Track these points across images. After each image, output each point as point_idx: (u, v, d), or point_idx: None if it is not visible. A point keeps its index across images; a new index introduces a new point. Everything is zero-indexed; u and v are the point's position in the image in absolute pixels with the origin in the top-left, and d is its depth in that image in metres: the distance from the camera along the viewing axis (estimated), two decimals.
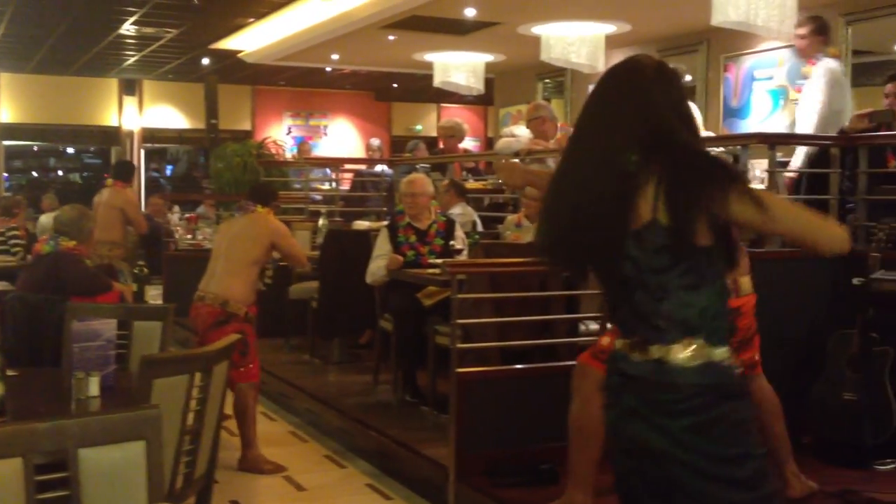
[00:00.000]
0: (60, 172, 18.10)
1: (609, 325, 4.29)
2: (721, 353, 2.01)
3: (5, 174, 18.14)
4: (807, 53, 6.07)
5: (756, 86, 8.81)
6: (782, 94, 8.59)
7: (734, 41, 8.57)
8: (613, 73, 2.17)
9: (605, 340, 3.67)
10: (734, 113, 9.08)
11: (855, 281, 4.64)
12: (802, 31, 6.01)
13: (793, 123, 8.41)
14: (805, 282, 4.95)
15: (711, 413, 1.97)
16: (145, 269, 6.49)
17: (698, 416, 1.97)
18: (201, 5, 9.43)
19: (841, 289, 4.76)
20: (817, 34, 5.93)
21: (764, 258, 4.89)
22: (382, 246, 5.95)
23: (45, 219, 4.90)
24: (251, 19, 10.38)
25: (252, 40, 11.40)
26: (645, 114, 2.05)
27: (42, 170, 18.95)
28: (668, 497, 2.00)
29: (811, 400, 4.64)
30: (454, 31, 9.32)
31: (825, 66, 5.77)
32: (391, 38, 9.84)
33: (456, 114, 16.67)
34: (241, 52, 11.89)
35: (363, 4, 8.80)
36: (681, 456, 1.96)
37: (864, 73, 8.17)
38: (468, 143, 16.49)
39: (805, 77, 6.20)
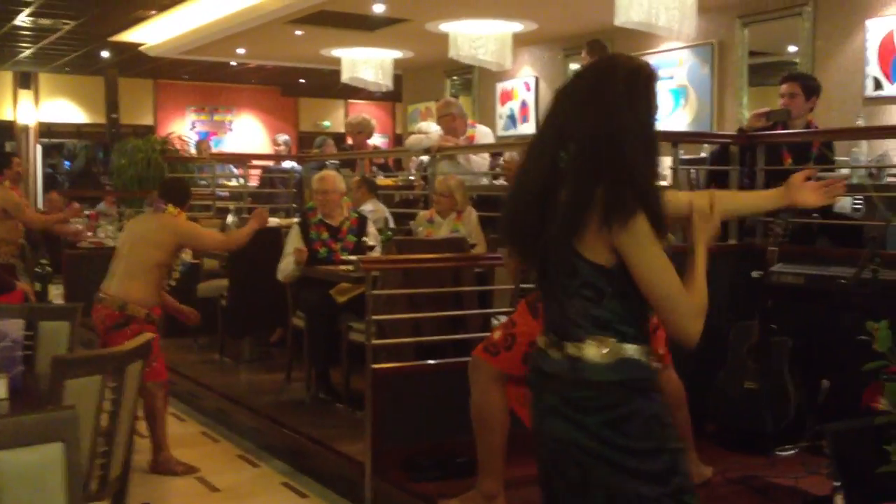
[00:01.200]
0: None
1: (499, 320, 4.37)
2: (633, 348, 2.06)
3: None
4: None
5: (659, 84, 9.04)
6: (683, 94, 8.84)
7: (637, 41, 8.78)
8: (584, 69, 2.18)
9: (497, 334, 3.74)
10: None
11: (754, 274, 4.84)
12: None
13: (692, 122, 8.73)
14: (707, 276, 5.11)
15: (624, 409, 2.03)
16: (48, 268, 6.30)
17: (612, 411, 2.02)
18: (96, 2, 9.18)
19: (740, 281, 4.94)
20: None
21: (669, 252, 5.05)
22: (293, 243, 5.91)
23: None
24: (153, 11, 10.15)
25: (154, 32, 11.14)
26: (594, 114, 2.04)
27: None
28: (585, 490, 2.06)
29: (714, 389, 4.80)
30: (362, 27, 9.31)
31: None
32: (298, 33, 9.77)
33: (364, 110, 16.64)
34: (142, 44, 11.60)
35: (264, 1, 8.71)
36: (596, 450, 2.02)
37: (760, 73, 8.49)
38: (377, 140, 16.53)
39: None
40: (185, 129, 15.55)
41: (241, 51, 11.31)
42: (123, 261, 5.01)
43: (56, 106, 14.91)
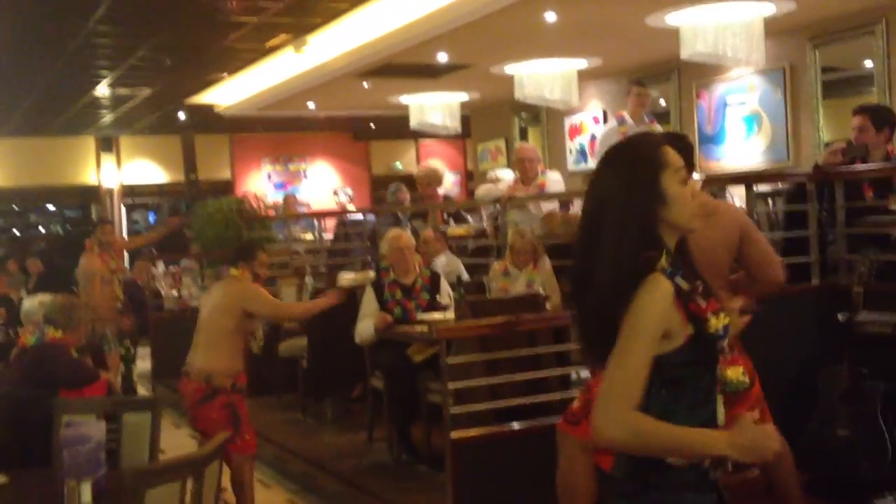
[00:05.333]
0: (42, 229, 18.03)
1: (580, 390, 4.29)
2: None
3: None
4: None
5: (729, 112, 8.88)
6: (756, 120, 8.65)
7: (705, 68, 8.63)
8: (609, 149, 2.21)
9: (576, 404, 3.68)
10: (710, 139, 9.14)
11: (840, 317, 4.67)
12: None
13: (768, 148, 8.53)
14: (791, 319, 4.97)
15: None
16: (132, 350, 6.45)
17: None
18: (173, 65, 9.44)
19: (826, 324, 4.78)
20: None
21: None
22: (369, 305, 5.95)
23: (29, 304, 4.87)
24: (224, 74, 10.40)
25: (227, 93, 11.41)
26: (589, 200, 2.10)
27: (24, 227, 18.90)
28: None
29: (805, 438, 4.64)
30: (427, 74, 9.37)
31: None
32: (365, 84, 9.88)
33: (435, 149, 16.71)
34: (216, 106, 11.90)
35: (337, 56, 8.84)
36: None
37: (835, 88, 8.23)
38: (448, 178, 16.59)
39: None
40: (261, 180, 15.85)
41: (311, 105, 11.50)
42: (203, 332, 5.06)
43: (137, 167, 15.35)
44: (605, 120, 10.39)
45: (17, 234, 18.85)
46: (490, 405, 4.59)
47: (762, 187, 6.32)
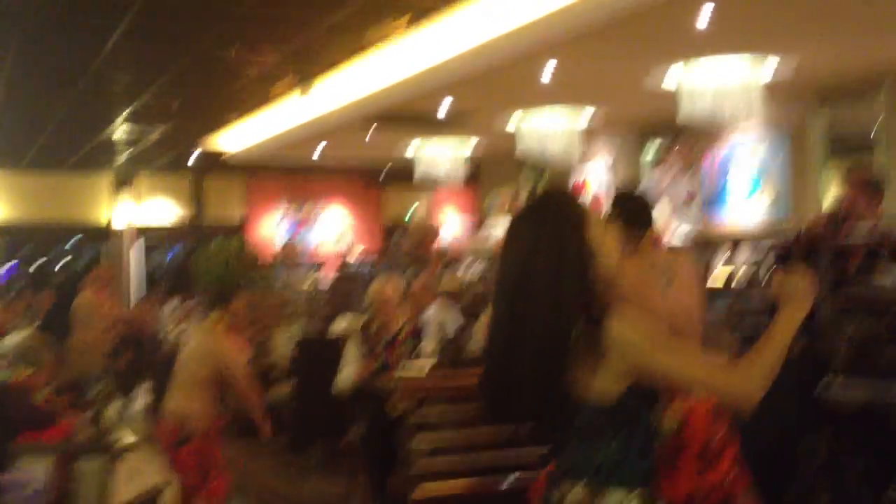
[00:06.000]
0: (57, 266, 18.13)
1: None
2: (617, 497, 2.01)
3: (15, 261, 18.22)
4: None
5: (733, 171, 8.85)
6: (760, 179, 8.60)
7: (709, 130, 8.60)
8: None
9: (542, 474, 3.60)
10: (712, 199, 9.09)
11: (818, 390, 4.58)
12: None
13: (771, 205, 8.46)
14: (773, 385, 4.87)
15: None
16: (105, 391, 6.44)
17: None
18: (181, 107, 9.54)
19: (808, 394, 4.69)
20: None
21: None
22: (350, 355, 5.91)
23: (10, 340, 4.86)
24: (233, 116, 10.49)
25: (237, 138, 11.52)
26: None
27: (47, 259, 19.01)
28: None
29: None
30: (431, 125, 9.40)
31: None
32: (370, 134, 9.91)
33: (449, 195, 16.69)
34: (226, 153, 12.01)
35: (341, 106, 8.90)
36: None
37: (841, 146, 8.14)
38: (459, 223, 16.60)
39: None
40: (275, 222, 15.89)
41: (318, 152, 11.56)
42: (179, 375, 5.02)
43: (153, 205, 15.45)
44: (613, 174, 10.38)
45: (40, 263, 19.02)
46: (454, 460, 4.52)
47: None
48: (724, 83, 7.01)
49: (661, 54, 6.88)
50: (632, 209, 3.73)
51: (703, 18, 5.65)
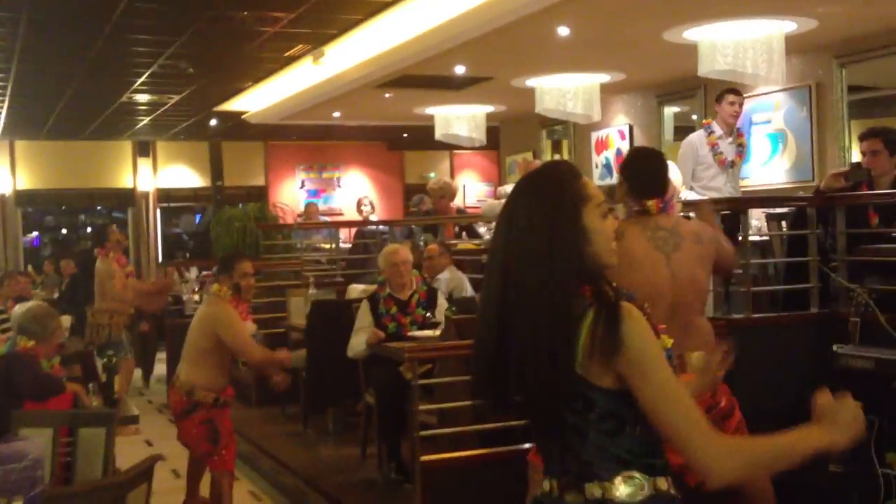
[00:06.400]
0: (90, 229, 18.28)
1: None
2: (662, 481, 1.91)
3: (36, 234, 18.41)
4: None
5: (755, 129, 8.65)
6: (781, 138, 8.43)
7: (731, 85, 8.41)
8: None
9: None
10: None
11: (835, 348, 4.50)
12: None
13: (792, 168, 8.29)
14: (787, 347, 4.81)
15: None
16: (114, 360, 6.46)
17: None
18: (196, 73, 9.49)
19: (822, 356, 4.60)
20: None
21: (742, 325, 4.76)
22: (363, 319, 5.88)
23: (19, 309, 4.89)
24: (249, 83, 10.44)
25: (255, 101, 11.47)
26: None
27: (72, 227, 19.21)
28: None
29: (796, 473, 4.46)
30: (448, 86, 9.30)
31: None
32: (387, 95, 9.84)
33: (469, 160, 16.64)
34: (245, 112, 11.96)
35: (354, 66, 8.81)
36: None
37: (863, 107, 7.99)
38: (482, 188, 16.51)
39: None
40: (295, 188, 15.91)
41: (336, 114, 11.50)
42: (188, 345, 5.04)
43: (173, 172, 15.51)
44: (632, 135, 10.24)
45: (65, 232, 19.22)
46: (459, 430, 4.49)
47: (778, 208, 6.14)
48: (744, 37, 6.86)
49: (679, 15, 6.74)
50: (643, 171, 3.64)
51: None
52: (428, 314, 5.80)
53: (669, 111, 9.96)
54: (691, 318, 3.57)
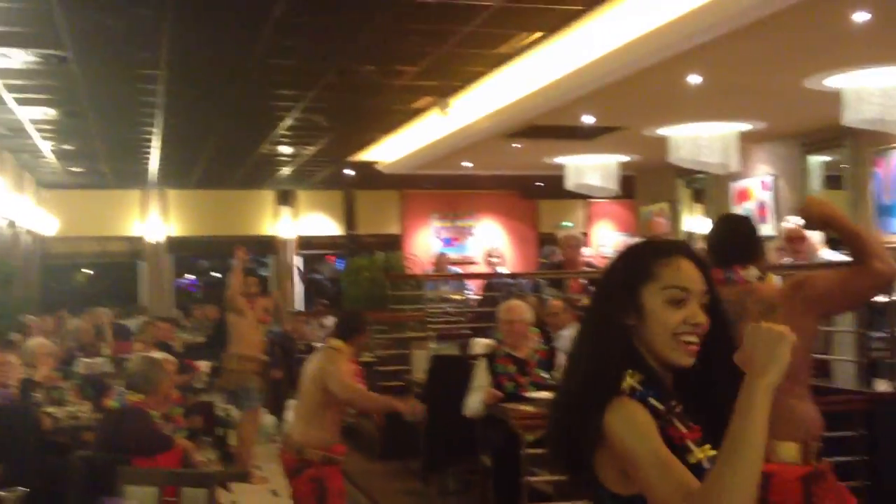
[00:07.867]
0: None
1: None
2: None
3: (194, 277, 19.16)
4: None
5: None
6: None
7: (884, 134, 7.89)
8: None
9: None
10: (887, 210, 8.34)
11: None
12: None
13: None
14: None
15: None
16: (232, 412, 6.49)
17: None
18: (329, 125, 9.66)
19: None
20: None
21: (888, 399, 4.34)
22: (480, 377, 5.72)
23: (133, 363, 4.94)
24: (379, 134, 10.56)
25: (387, 151, 11.60)
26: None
27: (222, 272, 19.89)
28: None
29: None
30: (578, 136, 9.12)
31: None
32: (516, 145, 9.74)
33: (605, 208, 16.31)
34: (378, 162, 12.12)
35: (481, 117, 8.75)
36: None
37: None
38: (619, 239, 16.11)
39: None
40: (430, 236, 15.98)
41: (467, 163, 11.47)
42: (300, 401, 4.99)
43: (312, 220, 15.88)
44: (776, 186, 9.74)
45: (219, 276, 19.88)
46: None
47: None
48: (892, 84, 6.41)
49: (818, 62, 6.37)
50: (716, 242, 3.32)
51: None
52: (546, 375, 5.58)
53: (815, 160, 9.44)
54: (784, 402, 2.92)
